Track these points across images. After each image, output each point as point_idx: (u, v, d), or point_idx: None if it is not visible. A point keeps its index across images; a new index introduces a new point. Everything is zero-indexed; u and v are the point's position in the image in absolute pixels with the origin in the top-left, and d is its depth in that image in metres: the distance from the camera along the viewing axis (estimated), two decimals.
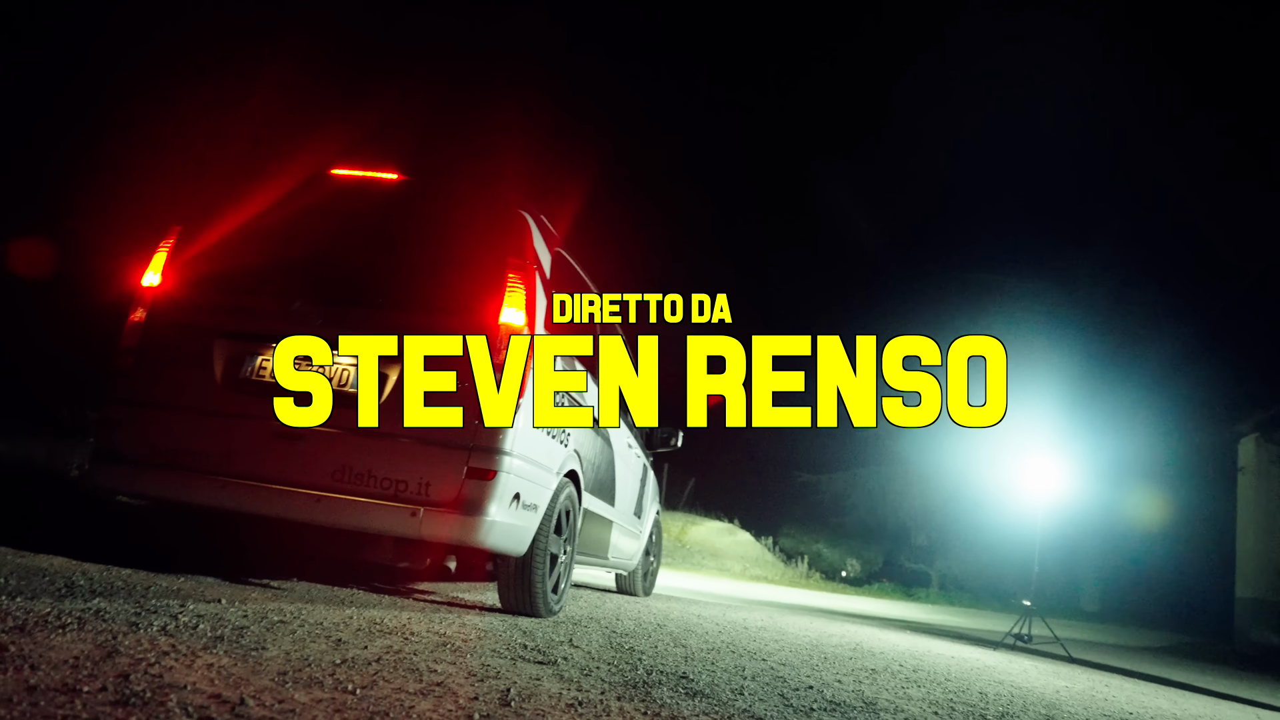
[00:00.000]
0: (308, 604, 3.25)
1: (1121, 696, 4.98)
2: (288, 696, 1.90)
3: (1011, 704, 3.77)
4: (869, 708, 3.01)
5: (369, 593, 4.00)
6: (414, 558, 3.83)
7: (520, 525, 3.67)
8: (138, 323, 3.82)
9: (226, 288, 3.84)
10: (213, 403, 3.63)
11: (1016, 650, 7.89)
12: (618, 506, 5.52)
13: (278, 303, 3.73)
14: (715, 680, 3.03)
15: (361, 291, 3.79)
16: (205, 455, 3.58)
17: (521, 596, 3.95)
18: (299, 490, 3.48)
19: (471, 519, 3.42)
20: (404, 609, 3.56)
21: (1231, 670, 10.50)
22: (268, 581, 3.83)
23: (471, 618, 3.61)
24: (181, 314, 3.80)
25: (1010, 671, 5.42)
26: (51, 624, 2.22)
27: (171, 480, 3.61)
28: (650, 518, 6.89)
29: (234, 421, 3.59)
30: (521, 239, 3.78)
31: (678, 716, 2.33)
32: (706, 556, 21.63)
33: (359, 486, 3.46)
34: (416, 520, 3.42)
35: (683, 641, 4.03)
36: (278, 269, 3.90)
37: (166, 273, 3.89)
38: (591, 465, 4.65)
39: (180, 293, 3.85)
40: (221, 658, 2.16)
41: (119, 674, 1.85)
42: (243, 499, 3.52)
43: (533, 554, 3.87)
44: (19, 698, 1.59)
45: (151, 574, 3.38)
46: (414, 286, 3.82)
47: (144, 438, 3.66)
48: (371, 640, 2.73)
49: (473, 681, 2.36)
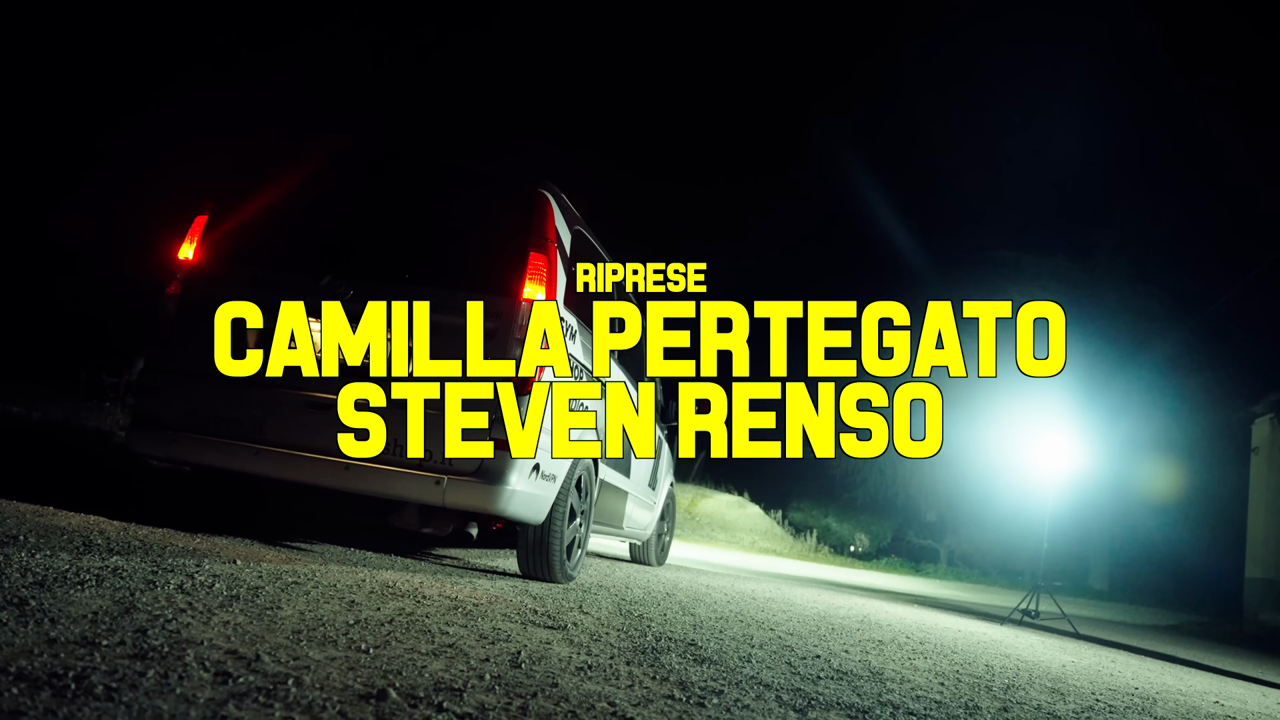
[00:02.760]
0: (322, 566, 3.28)
1: (1127, 672, 5.00)
2: (302, 654, 1.93)
3: (1017, 676, 3.79)
4: (875, 677, 3.03)
5: (382, 555, 4.05)
6: (438, 524, 3.96)
7: (539, 495, 3.79)
8: (174, 294, 3.95)
9: (259, 262, 3.96)
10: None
11: (1023, 626, 7.92)
12: (633, 478, 5.62)
13: (308, 277, 3.82)
14: (723, 648, 3.06)
15: (389, 267, 3.88)
16: (239, 423, 3.72)
17: (539, 563, 4.09)
18: (328, 458, 3.59)
19: (493, 488, 3.55)
20: (416, 573, 3.59)
21: (1239, 650, 10.52)
22: (292, 543, 3.92)
23: (483, 583, 3.65)
24: (216, 287, 3.87)
25: (1016, 646, 5.44)
26: (70, 580, 2.26)
27: (206, 446, 3.75)
28: (664, 489, 7.01)
29: (267, 391, 3.70)
30: (543, 218, 3.89)
31: (686, 682, 2.36)
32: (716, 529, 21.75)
33: (386, 455, 3.56)
34: (440, 488, 3.55)
35: (691, 610, 4.06)
36: (308, 245, 4.05)
37: (201, 247, 4.01)
38: (606, 435, 4.70)
39: (215, 266, 3.98)
40: (237, 615, 2.19)
41: (137, 629, 1.88)
42: (275, 466, 3.66)
43: (551, 522, 3.99)
44: (39, 650, 1.62)
45: (169, 532, 3.43)
46: (441, 263, 3.92)
47: (180, 405, 3.80)
48: (384, 602, 2.76)
49: (484, 644, 2.39)
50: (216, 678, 1.64)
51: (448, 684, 1.89)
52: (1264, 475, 14.61)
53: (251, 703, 1.53)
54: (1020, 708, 2.98)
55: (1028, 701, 3.14)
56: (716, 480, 26.80)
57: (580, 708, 1.89)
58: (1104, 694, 3.77)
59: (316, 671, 1.80)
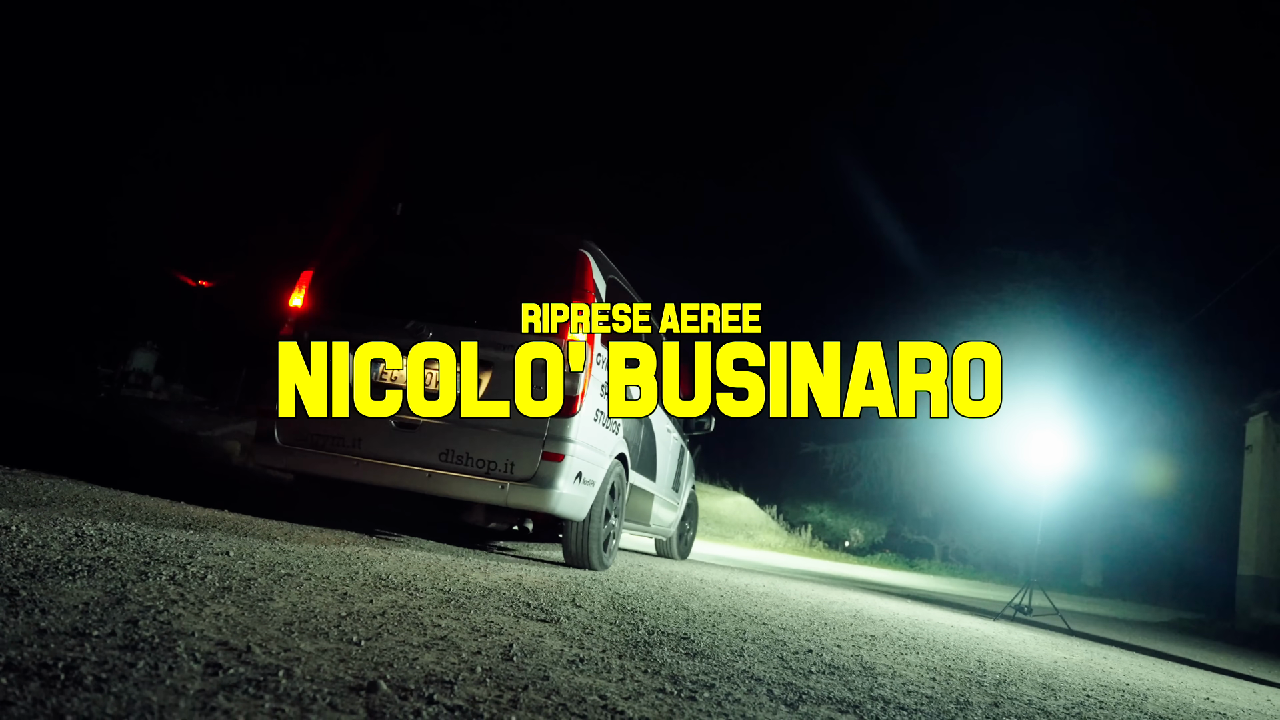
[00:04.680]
0: (314, 559, 3.28)
1: (1119, 668, 5.02)
2: (293, 646, 1.93)
3: (1009, 672, 3.80)
4: (867, 672, 3.04)
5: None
6: (501, 520, 4.79)
7: (582, 497, 4.57)
8: (287, 334, 4.69)
9: (355, 308, 4.73)
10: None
11: (1016, 621, 7.94)
12: (658, 482, 6.43)
13: (397, 322, 4.58)
14: (716, 642, 3.06)
15: (460, 314, 4.63)
16: (341, 440, 4.49)
17: (581, 552, 4.87)
18: (414, 468, 4.40)
19: (546, 491, 4.33)
20: (409, 565, 3.60)
21: (1232, 647, 10.56)
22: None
23: (477, 576, 3.66)
24: (320, 329, 4.63)
25: (1009, 641, 5.46)
26: (62, 570, 2.26)
27: (316, 459, 4.52)
28: (686, 491, 7.79)
29: (363, 414, 4.45)
30: (584, 273, 4.69)
31: (678, 676, 2.36)
32: (711, 522, 21.78)
33: (459, 465, 4.38)
34: (504, 491, 4.34)
35: (684, 604, 4.06)
36: (395, 295, 4.81)
37: (308, 297, 4.81)
38: (636, 448, 5.57)
39: (319, 313, 4.75)
40: (229, 607, 2.19)
41: (128, 620, 1.88)
42: (371, 474, 4.43)
43: (590, 519, 4.79)
44: (29, 640, 1.62)
45: (159, 528, 3.43)
46: (501, 310, 4.59)
47: (293, 426, 4.54)
48: (377, 595, 2.76)
49: (476, 636, 2.39)
50: (207, 669, 1.64)
51: (439, 676, 1.89)
52: (1258, 473, 14.66)
53: (241, 694, 1.53)
54: (1011, 703, 2.99)
55: (1019, 697, 3.15)
56: (712, 475, 26.85)
57: (571, 700, 1.89)
58: (1095, 690, 3.78)
59: (307, 663, 1.80)
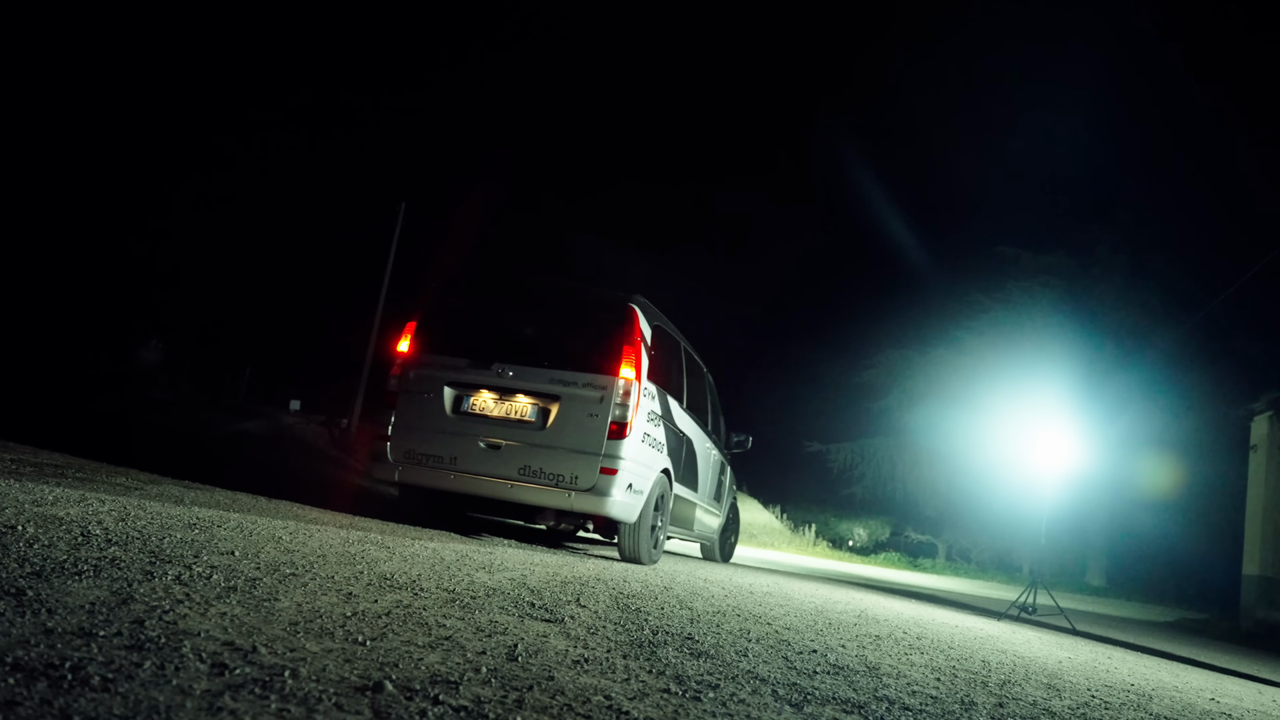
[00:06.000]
0: (319, 558, 3.29)
1: (1124, 668, 5.01)
2: (299, 646, 1.93)
3: (1014, 672, 3.80)
4: (872, 672, 3.03)
5: (377, 549, 4.05)
6: (568, 522, 6.12)
7: (632, 503, 5.66)
8: (396, 375, 5.90)
9: (449, 351, 5.88)
10: (444, 425, 5.70)
11: (1020, 621, 7.93)
12: (699, 492, 7.53)
13: (484, 363, 5.76)
14: (720, 642, 3.06)
15: (534, 356, 5.74)
16: (440, 458, 5.64)
17: (632, 549, 5.93)
18: (499, 480, 5.53)
19: (604, 499, 5.44)
20: (413, 565, 3.60)
21: (1236, 647, 10.54)
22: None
23: (481, 576, 3.66)
24: (423, 369, 5.85)
25: (1013, 641, 5.45)
26: (68, 570, 2.26)
27: (420, 473, 5.68)
28: (728, 502, 9.02)
29: (457, 437, 5.65)
30: (633, 324, 5.77)
31: (682, 676, 2.36)
32: None
33: (534, 478, 5.49)
34: (569, 499, 5.44)
35: (688, 604, 4.06)
36: (484, 341, 5.93)
37: (412, 344, 5.96)
38: (678, 463, 6.63)
39: (422, 356, 5.92)
40: (235, 607, 2.19)
41: (134, 620, 1.89)
42: (465, 485, 5.58)
43: (640, 521, 5.85)
44: (36, 640, 1.62)
45: (164, 528, 3.43)
46: (568, 353, 5.74)
47: (401, 446, 5.74)
48: (381, 595, 2.77)
49: (481, 636, 2.39)
50: (213, 669, 1.64)
51: (444, 676, 1.89)
52: (1262, 472, 14.61)
53: (247, 694, 1.54)
54: (1016, 703, 2.98)
55: (1024, 697, 3.15)
56: None
57: (576, 701, 1.90)
58: (1100, 690, 3.78)
59: (313, 663, 1.80)
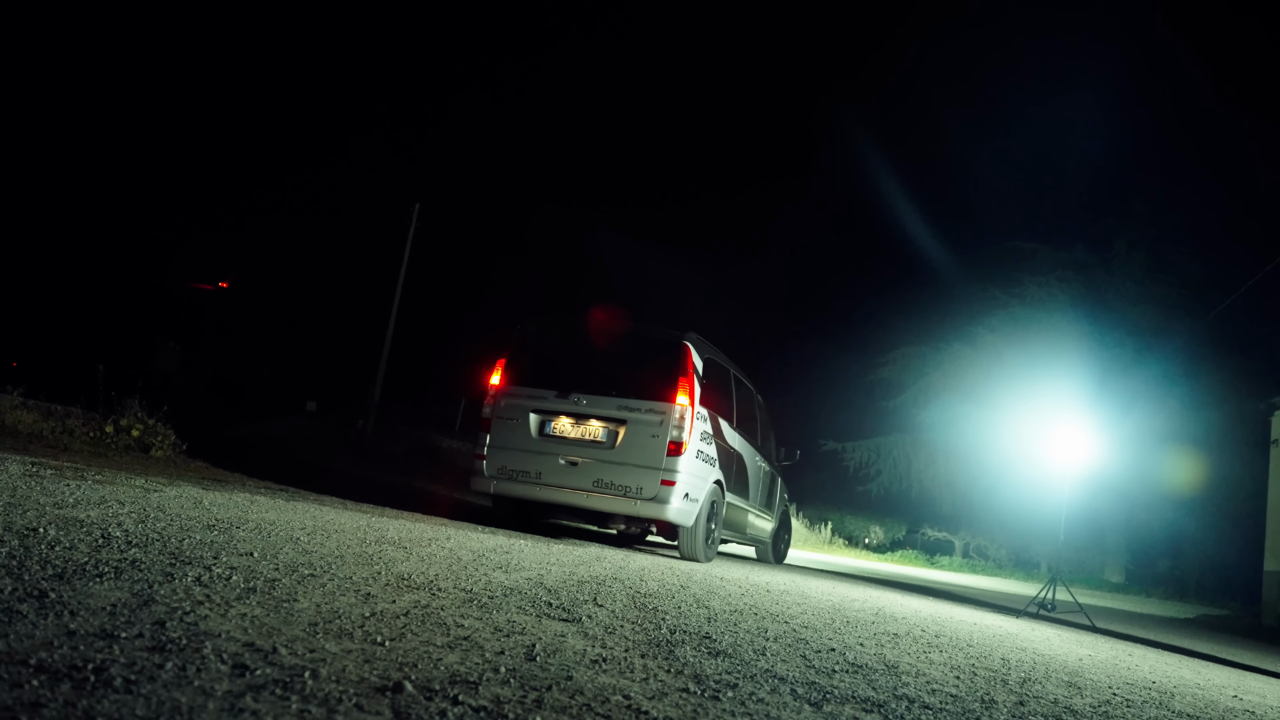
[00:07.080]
0: (337, 559, 3.30)
1: (1145, 666, 4.97)
2: (318, 646, 1.94)
3: (1034, 670, 3.77)
4: (891, 670, 3.02)
5: (394, 550, 4.07)
6: (634, 526, 7.23)
7: (689, 510, 6.73)
8: (490, 403, 7.07)
9: (534, 383, 7.04)
10: (531, 445, 6.85)
11: (1039, 618, 7.88)
12: (750, 500, 8.54)
13: (563, 392, 6.90)
14: (738, 641, 3.06)
15: (604, 387, 6.87)
16: (528, 473, 6.82)
17: (690, 549, 6.94)
18: (577, 490, 6.68)
19: (664, 506, 6.52)
20: (431, 565, 3.61)
21: (1258, 643, 10.44)
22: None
23: (498, 575, 3.67)
24: (511, 398, 7.03)
25: (1033, 639, 5.41)
26: (89, 572, 2.28)
27: (512, 486, 6.86)
28: (778, 509, 10.08)
29: (542, 456, 6.80)
30: (686, 358, 6.86)
31: (701, 675, 2.35)
32: None
33: (606, 489, 6.64)
34: (635, 506, 6.58)
35: (705, 603, 4.05)
36: (561, 373, 7.05)
37: (502, 376, 7.14)
38: (730, 474, 7.67)
39: (510, 387, 7.09)
40: (254, 608, 2.20)
41: (155, 621, 1.90)
42: (549, 495, 6.78)
43: (696, 525, 6.88)
44: (59, 642, 1.64)
45: (183, 529, 3.45)
46: (632, 384, 6.86)
47: (496, 463, 6.92)
48: (399, 595, 2.77)
49: (499, 636, 2.39)
50: (234, 670, 1.65)
51: (463, 677, 1.89)
52: None
53: (268, 695, 1.54)
54: (1037, 701, 2.96)
55: (1044, 695, 3.13)
56: None
57: (595, 700, 1.89)
58: (1121, 688, 3.75)
59: (332, 664, 1.81)
